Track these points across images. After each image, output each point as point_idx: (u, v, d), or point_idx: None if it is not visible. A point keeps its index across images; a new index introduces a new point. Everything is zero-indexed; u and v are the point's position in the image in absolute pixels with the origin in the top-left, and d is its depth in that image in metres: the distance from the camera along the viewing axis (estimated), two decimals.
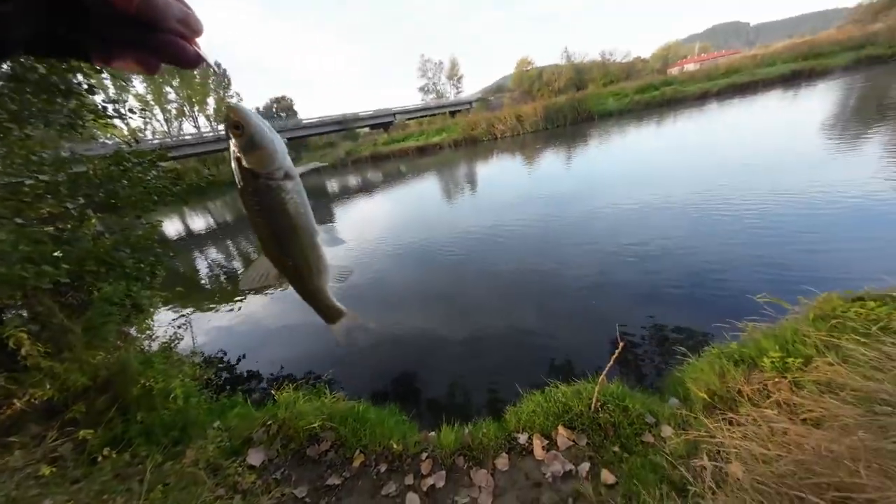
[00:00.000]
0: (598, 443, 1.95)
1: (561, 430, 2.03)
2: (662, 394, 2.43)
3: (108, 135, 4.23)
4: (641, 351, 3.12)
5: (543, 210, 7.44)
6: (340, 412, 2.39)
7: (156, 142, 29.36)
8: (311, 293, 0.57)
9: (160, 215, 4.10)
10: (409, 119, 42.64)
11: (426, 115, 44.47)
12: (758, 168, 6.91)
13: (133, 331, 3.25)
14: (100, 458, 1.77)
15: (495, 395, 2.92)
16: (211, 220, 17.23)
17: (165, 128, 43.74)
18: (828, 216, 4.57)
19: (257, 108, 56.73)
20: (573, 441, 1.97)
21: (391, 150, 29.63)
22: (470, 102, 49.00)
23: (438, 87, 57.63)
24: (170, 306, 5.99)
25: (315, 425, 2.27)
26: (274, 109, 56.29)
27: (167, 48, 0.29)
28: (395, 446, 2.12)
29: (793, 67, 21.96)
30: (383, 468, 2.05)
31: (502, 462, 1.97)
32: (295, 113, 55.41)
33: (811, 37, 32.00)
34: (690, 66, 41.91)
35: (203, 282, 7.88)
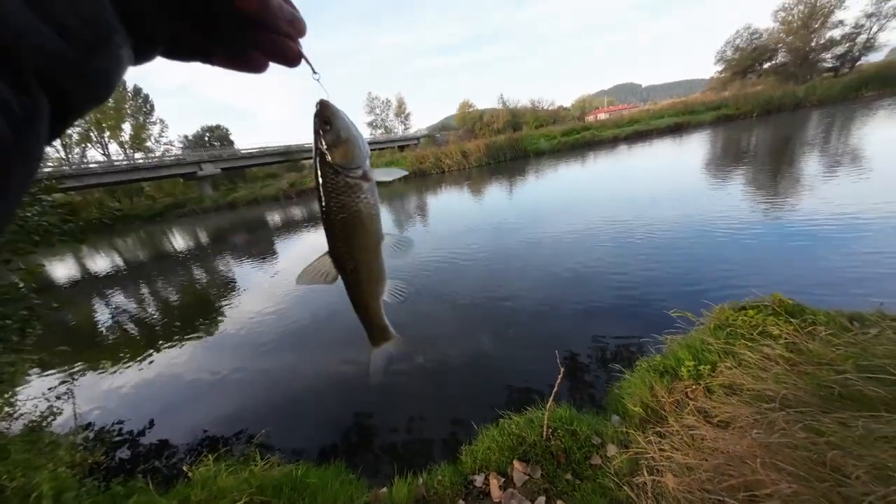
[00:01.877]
0: (552, 472, 1.95)
1: (516, 464, 2.00)
2: (606, 411, 2.57)
3: None
4: (586, 368, 3.30)
5: (491, 237, 7.82)
6: (274, 481, 2.06)
7: (47, 170, 24.96)
8: (366, 303, 0.54)
9: (44, 257, 3.39)
10: None
11: (375, 149, 45.19)
12: (665, 199, 8.23)
13: None
14: None
15: (451, 433, 2.80)
16: (118, 260, 14.69)
17: (62, 154, 37.55)
18: (717, 238, 5.55)
19: (186, 136, 52.21)
20: (528, 475, 1.94)
21: None
22: (417, 138, 51.23)
23: (387, 124, 59.59)
24: (47, 371, 4.80)
25: (241, 503, 1.91)
26: (206, 138, 52.28)
27: (277, 47, 0.31)
28: None
29: (676, 120, 27.44)
30: None
31: None
32: (231, 143, 52.07)
33: (685, 98, 40.84)
34: (602, 116, 49.85)
35: (101, 335, 6.52)
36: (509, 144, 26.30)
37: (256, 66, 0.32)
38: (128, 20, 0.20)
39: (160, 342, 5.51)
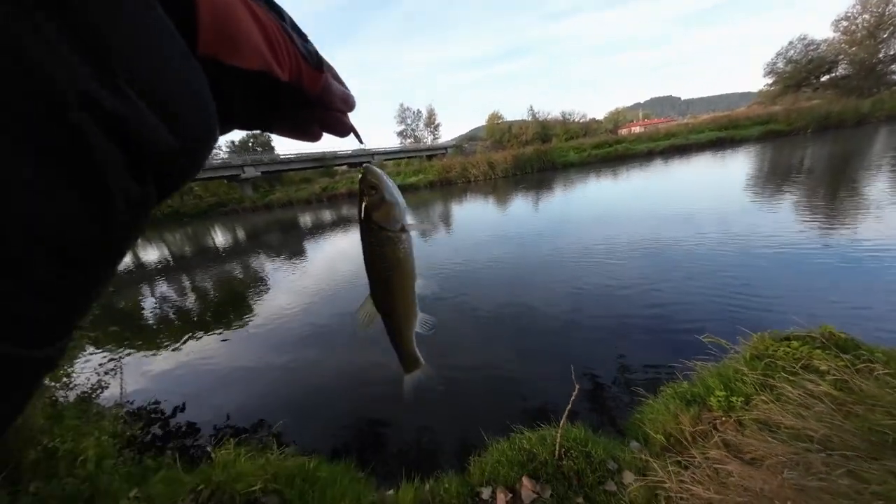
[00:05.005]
0: (563, 493, 1.88)
1: (525, 481, 1.95)
2: (624, 436, 2.44)
3: None
4: (607, 389, 3.15)
5: (515, 248, 7.74)
6: (287, 471, 2.14)
7: None
8: (402, 337, 0.60)
9: None
10: (386, 160, 44.24)
11: (404, 158, 46.45)
12: (704, 216, 7.77)
13: (45, 379, 2.80)
14: None
15: (462, 442, 2.76)
16: (166, 252, 16.02)
17: None
18: (762, 260, 5.15)
19: (233, 142, 56.42)
20: (537, 493, 1.88)
21: None
22: (446, 148, 52.12)
23: (416, 133, 61.17)
24: (101, 348, 5.29)
25: (256, 488, 2.00)
26: (250, 144, 56.24)
27: (332, 121, 0.36)
28: None
29: (718, 135, 25.96)
30: None
31: None
32: (272, 148, 55.61)
33: (729, 112, 38.59)
34: (636, 129, 48.19)
35: (146, 320, 7.11)
36: (537, 156, 26.10)
37: (312, 137, 0.37)
38: (220, 108, 0.23)
39: (196, 330, 5.91)
